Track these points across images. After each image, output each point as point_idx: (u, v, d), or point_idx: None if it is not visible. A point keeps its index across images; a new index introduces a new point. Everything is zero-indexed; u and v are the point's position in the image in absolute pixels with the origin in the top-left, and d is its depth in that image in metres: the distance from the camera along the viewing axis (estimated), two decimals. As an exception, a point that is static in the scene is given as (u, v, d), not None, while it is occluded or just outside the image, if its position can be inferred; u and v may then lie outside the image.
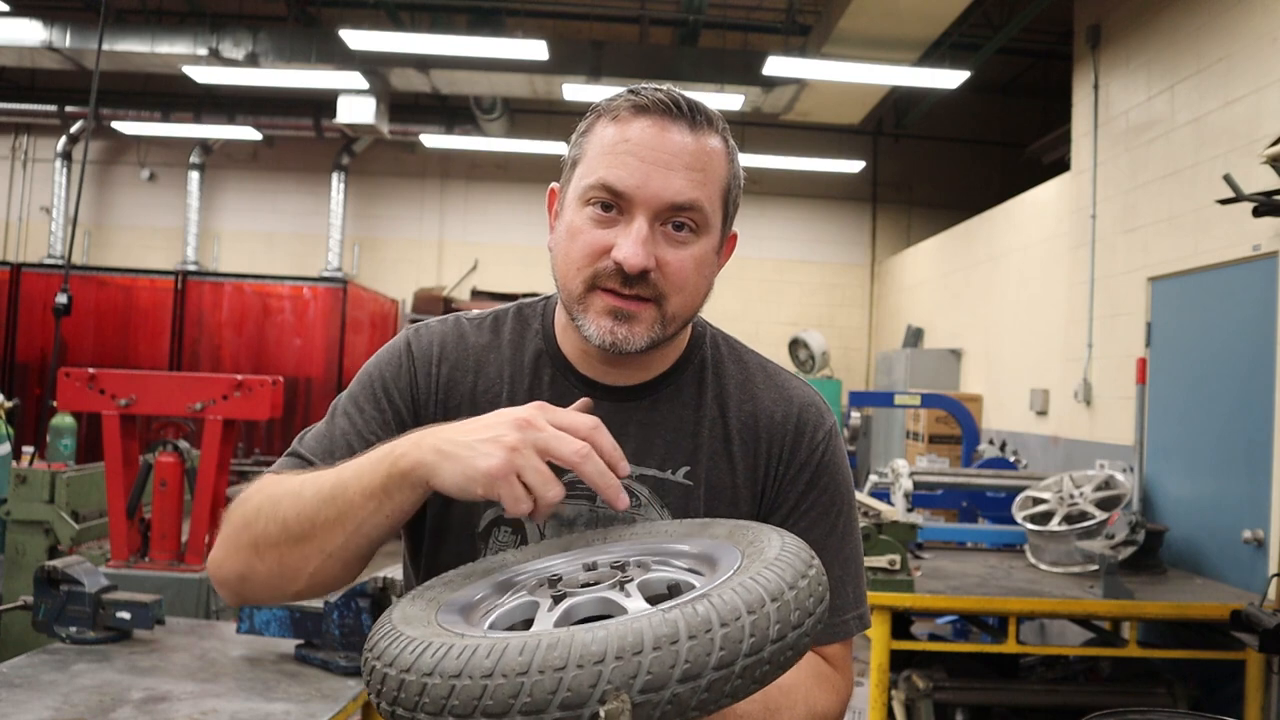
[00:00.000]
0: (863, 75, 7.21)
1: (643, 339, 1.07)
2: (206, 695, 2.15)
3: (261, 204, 11.14)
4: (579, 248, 1.06)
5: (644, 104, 1.06)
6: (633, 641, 0.72)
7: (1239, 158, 4.28)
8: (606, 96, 1.11)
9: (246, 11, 9.35)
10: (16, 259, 10.21)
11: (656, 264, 1.04)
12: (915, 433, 7.97)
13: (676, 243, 1.06)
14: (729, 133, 1.11)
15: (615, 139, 1.05)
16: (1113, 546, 3.82)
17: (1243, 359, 4.25)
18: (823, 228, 11.24)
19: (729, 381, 1.20)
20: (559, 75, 8.01)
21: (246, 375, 3.45)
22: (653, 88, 1.08)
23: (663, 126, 1.05)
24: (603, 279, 1.05)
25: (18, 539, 3.95)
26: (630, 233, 1.03)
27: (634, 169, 1.03)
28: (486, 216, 11.10)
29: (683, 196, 1.04)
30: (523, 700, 0.71)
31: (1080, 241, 5.94)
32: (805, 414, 1.19)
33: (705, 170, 1.06)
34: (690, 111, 1.06)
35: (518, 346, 1.19)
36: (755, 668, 0.76)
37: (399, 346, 1.19)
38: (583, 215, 1.06)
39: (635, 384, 1.16)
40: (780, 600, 0.78)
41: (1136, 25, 5.43)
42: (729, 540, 0.94)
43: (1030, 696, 3.87)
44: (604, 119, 1.08)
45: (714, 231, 1.09)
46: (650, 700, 0.72)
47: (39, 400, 7.45)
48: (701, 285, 1.10)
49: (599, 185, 1.04)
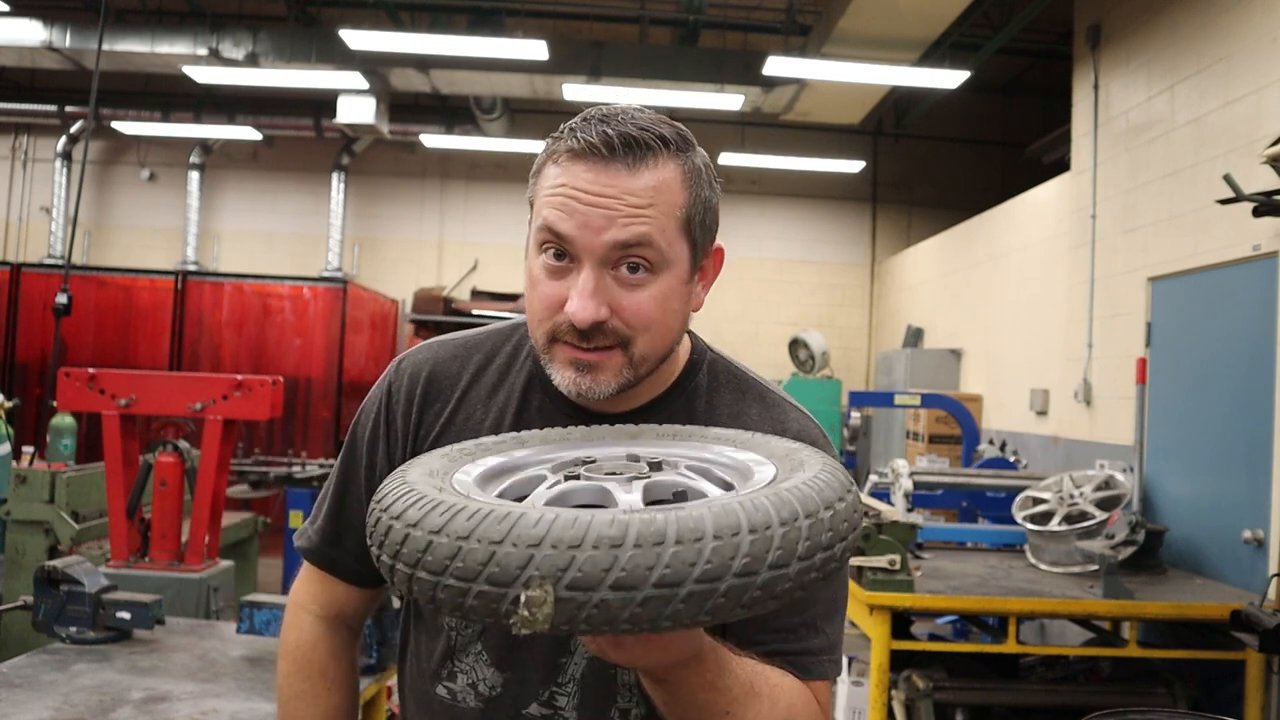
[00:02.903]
0: (863, 75, 7.21)
1: (609, 386, 1.05)
2: (206, 695, 2.15)
3: (261, 204, 11.13)
4: (537, 299, 1.05)
5: (579, 149, 1.02)
6: (572, 534, 0.70)
7: (1239, 158, 4.27)
8: (562, 128, 1.07)
9: (246, 11, 9.35)
10: (16, 259, 10.20)
11: (612, 310, 1.02)
12: (915, 433, 7.97)
13: (631, 285, 1.02)
14: (692, 151, 1.07)
15: (555, 183, 1.03)
16: (1113, 546, 3.83)
17: (1243, 359, 4.25)
18: (822, 228, 11.24)
19: (721, 410, 1.17)
20: (559, 75, 8.01)
21: (246, 375, 3.45)
22: (599, 117, 1.03)
23: (599, 170, 1.01)
24: (562, 333, 1.04)
25: (18, 539, 3.95)
26: (579, 284, 1.01)
27: (574, 213, 1.01)
28: (486, 216, 11.10)
29: (625, 236, 1.00)
30: (455, 565, 0.71)
31: (1080, 241, 5.94)
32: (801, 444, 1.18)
33: (653, 205, 1.02)
34: (628, 148, 1.01)
35: (506, 371, 1.19)
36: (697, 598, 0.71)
37: (380, 395, 1.21)
38: (538, 263, 1.05)
39: (625, 410, 1.14)
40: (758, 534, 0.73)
41: (1136, 25, 5.43)
42: (779, 458, 0.92)
43: (1030, 696, 3.87)
44: (550, 161, 1.06)
45: (677, 263, 1.05)
46: (576, 599, 0.69)
47: (39, 400, 7.44)
48: (670, 320, 1.06)
49: (544, 228, 1.03)
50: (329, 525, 1.23)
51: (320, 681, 1.22)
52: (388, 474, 1.14)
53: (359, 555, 1.20)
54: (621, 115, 1.04)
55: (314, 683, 1.22)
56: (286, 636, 1.25)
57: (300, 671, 1.23)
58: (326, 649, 1.24)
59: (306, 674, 1.22)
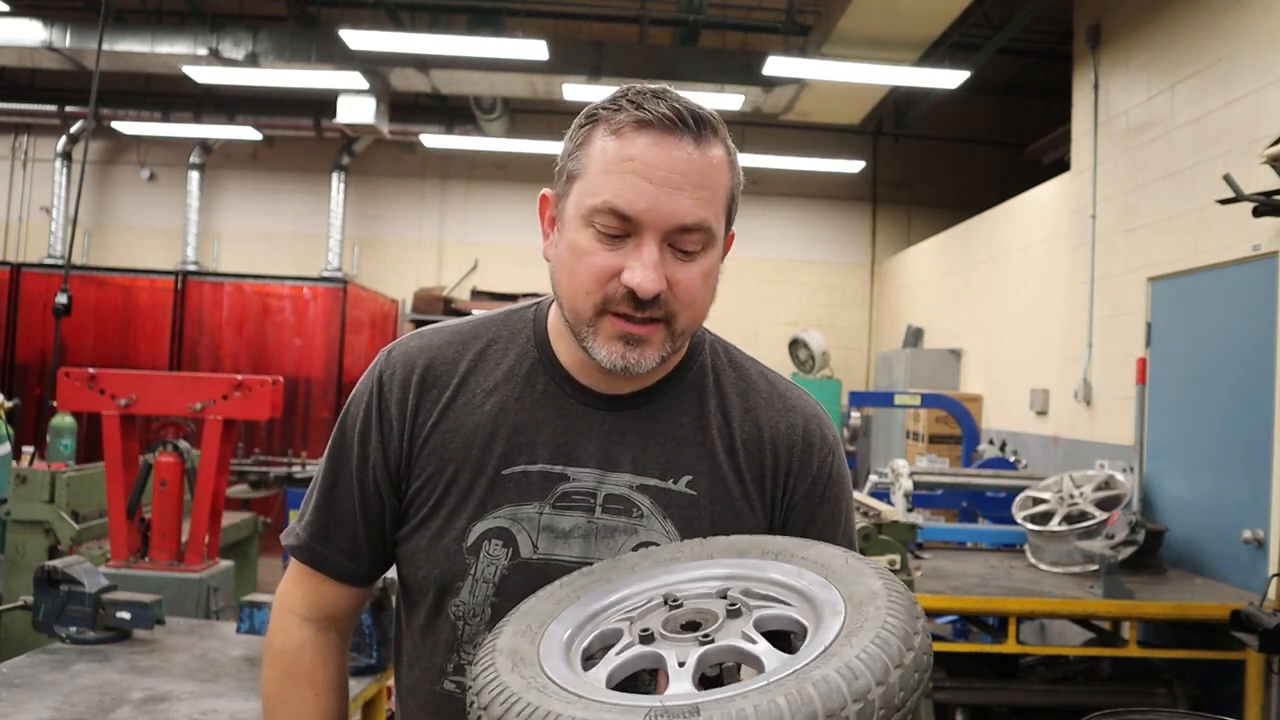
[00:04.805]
0: (863, 75, 7.21)
1: (653, 360, 1.06)
2: (206, 695, 2.15)
3: (261, 204, 11.13)
4: (586, 270, 1.04)
5: (647, 119, 1.01)
6: None
7: (1239, 158, 4.27)
8: (602, 99, 1.07)
9: (246, 11, 9.35)
10: (16, 259, 10.19)
11: (667, 283, 1.03)
12: (915, 433, 7.97)
13: (684, 260, 1.04)
14: (727, 133, 1.08)
15: (618, 156, 1.01)
16: (1113, 546, 3.83)
17: (1242, 359, 4.25)
18: (823, 228, 11.24)
19: (729, 390, 1.18)
20: (559, 75, 8.00)
21: (246, 375, 3.45)
22: (652, 93, 1.04)
23: (668, 144, 1.01)
24: (614, 303, 1.03)
25: (18, 539, 3.95)
26: (641, 256, 1.01)
27: (642, 191, 1.00)
28: (486, 216, 11.09)
29: (692, 218, 1.02)
30: None
31: (1080, 241, 5.94)
32: (811, 425, 1.18)
33: (712, 186, 1.03)
34: (695, 124, 1.02)
35: (503, 356, 1.18)
36: None
37: (371, 385, 1.18)
38: (586, 235, 1.04)
39: (633, 392, 1.15)
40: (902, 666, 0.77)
41: (1136, 25, 5.43)
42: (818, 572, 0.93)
43: (1030, 696, 3.87)
44: (603, 130, 1.04)
45: (719, 242, 1.08)
46: None
47: (39, 400, 7.44)
48: (708, 297, 1.09)
49: (606, 210, 1.01)
50: (317, 521, 1.19)
51: (307, 687, 1.18)
52: (380, 465, 1.14)
53: (349, 551, 1.18)
54: (668, 93, 1.05)
55: (300, 688, 1.18)
56: (272, 640, 1.20)
57: (286, 676, 1.18)
58: (314, 653, 1.19)
59: (293, 679, 1.18)
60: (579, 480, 1.11)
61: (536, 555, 1.10)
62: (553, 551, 1.10)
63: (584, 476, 1.11)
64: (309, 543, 1.19)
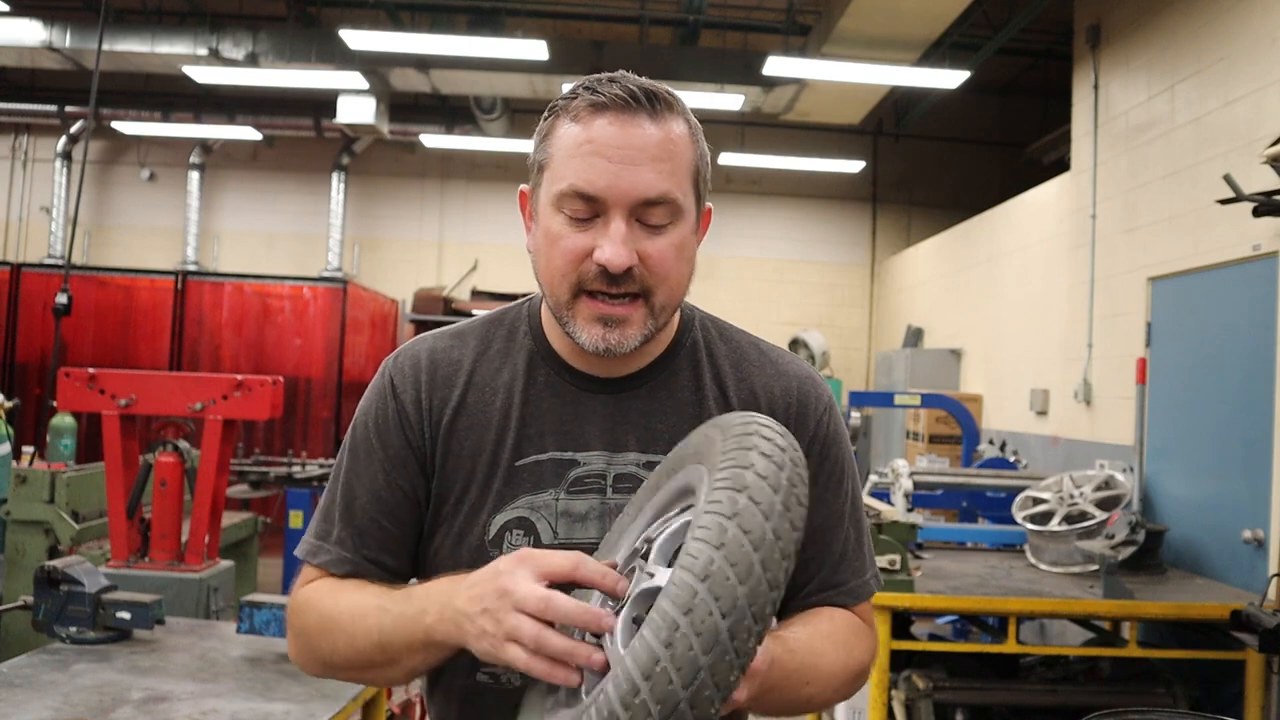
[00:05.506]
0: (863, 75, 7.21)
1: (635, 339, 1.09)
2: (206, 695, 2.15)
3: (261, 204, 11.13)
4: (560, 253, 1.07)
5: (602, 101, 1.05)
6: None
7: (1239, 158, 4.27)
8: (563, 93, 1.10)
9: (246, 11, 9.35)
10: (16, 259, 10.20)
11: (639, 258, 1.05)
12: (915, 433, 7.97)
13: (653, 234, 1.06)
14: (689, 112, 1.11)
15: (578, 140, 1.05)
16: (1113, 546, 3.83)
17: (1242, 359, 4.25)
18: (823, 228, 11.24)
19: (723, 361, 1.21)
20: (559, 75, 8.00)
21: (246, 375, 3.45)
22: (608, 78, 1.07)
23: (624, 121, 1.04)
24: (588, 282, 1.06)
25: (18, 539, 3.95)
26: (609, 233, 1.04)
27: (602, 170, 1.03)
28: (486, 217, 11.09)
29: (654, 190, 1.04)
30: None
31: (1080, 241, 5.94)
32: (804, 387, 1.21)
33: (673, 159, 1.06)
34: (649, 100, 1.05)
35: (506, 352, 1.20)
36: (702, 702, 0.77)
37: (383, 389, 1.18)
38: (558, 221, 1.07)
39: (631, 373, 1.18)
40: None
41: (1136, 25, 5.43)
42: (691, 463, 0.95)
43: (1030, 696, 3.87)
44: (563, 119, 1.08)
45: (689, 215, 1.10)
46: None
47: (39, 400, 7.45)
48: (685, 270, 1.11)
49: (571, 193, 1.05)
50: (346, 532, 1.15)
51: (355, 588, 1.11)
52: (413, 463, 1.15)
53: (392, 550, 1.15)
54: (625, 76, 1.08)
55: (348, 588, 1.11)
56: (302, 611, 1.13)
57: (331, 590, 1.11)
58: None
59: (338, 587, 1.11)
60: (589, 464, 1.15)
61: (557, 540, 1.13)
62: (572, 535, 1.13)
63: (593, 460, 1.15)
64: (351, 556, 1.15)
